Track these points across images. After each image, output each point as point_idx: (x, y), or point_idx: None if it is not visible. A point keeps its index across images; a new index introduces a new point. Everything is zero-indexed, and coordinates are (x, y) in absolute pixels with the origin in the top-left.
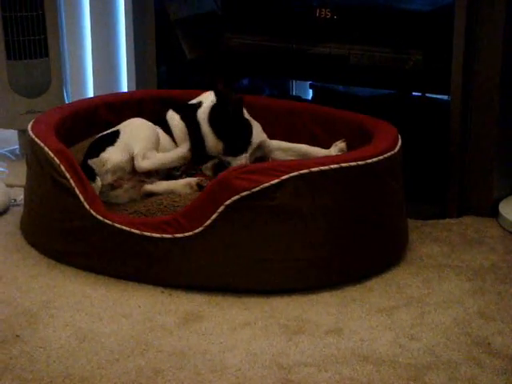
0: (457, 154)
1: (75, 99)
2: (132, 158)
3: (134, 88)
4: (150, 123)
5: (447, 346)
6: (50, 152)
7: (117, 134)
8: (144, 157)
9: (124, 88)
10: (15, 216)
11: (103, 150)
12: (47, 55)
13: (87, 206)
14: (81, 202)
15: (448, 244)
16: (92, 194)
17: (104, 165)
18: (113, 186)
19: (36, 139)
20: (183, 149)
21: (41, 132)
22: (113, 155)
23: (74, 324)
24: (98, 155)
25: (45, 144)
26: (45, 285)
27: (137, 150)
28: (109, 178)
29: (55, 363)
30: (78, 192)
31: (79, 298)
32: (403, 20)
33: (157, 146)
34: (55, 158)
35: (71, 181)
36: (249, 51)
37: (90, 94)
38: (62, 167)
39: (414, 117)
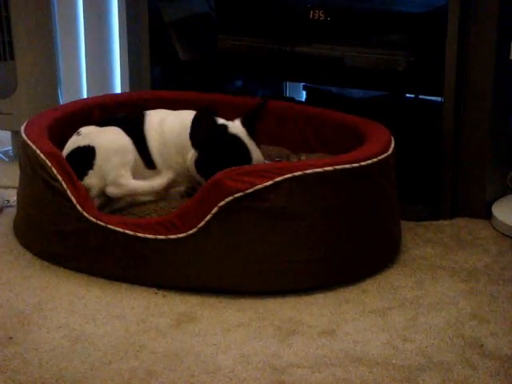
0: (450, 156)
1: (68, 100)
2: None
3: (127, 89)
4: (124, 137)
5: (440, 347)
6: (41, 154)
7: (93, 153)
8: (116, 185)
9: (117, 89)
10: (8, 217)
11: (85, 173)
12: (12, 58)
13: (80, 209)
14: (73, 204)
15: (441, 245)
16: (84, 195)
17: (89, 190)
18: (101, 206)
19: (28, 141)
20: (162, 181)
21: (33, 134)
22: (94, 181)
23: (67, 325)
24: (81, 178)
25: (36, 146)
26: (38, 286)
27: (110, 176)
28: (96, 203)
29: (48, 365)
30: (70, 194)
31: (72, 300)
32: (396, 21)
33: (132, 166)
34: (47, 161)
35: (63, 183)
36: (242, 52)
37: (84, 95)
38: (54, 170)
39: (407, 118)
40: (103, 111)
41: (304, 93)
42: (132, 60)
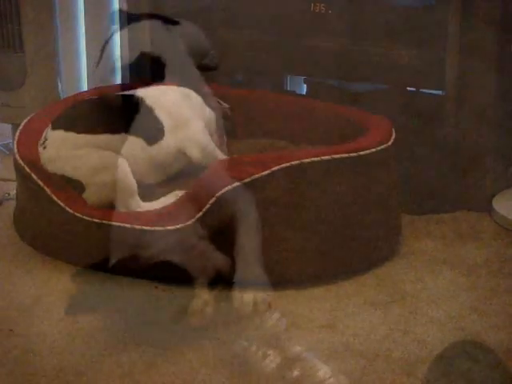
0: (451, 149)
1: (70, 94)
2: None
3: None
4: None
5: (441, 340)
6: (21, 161)
7: (80, 186)
8: (125, 206)
9: (118, 81)
10: (9, 210)
11: None
12: (22, 50)
13: (70, 210)
14: (62, 207)
15: (442, 239)
16: (72, 195)
17: None
18: None
19: (15, 143)
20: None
21: (23, 133)
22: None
23: (68, 318)
24: None
25: (17, 150)
26: (39, 279)
27: (118, 201)
28: None
29: (49, 357)
30: (55, 199)
31: (73, 293)
32: (398, 14)
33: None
34: (26, 168)
35: (45, 188)
36: (243, 45)
37: (85, 88)
38: (34, 176)
39: (408, 111)
40: None
41: (305, 86)
42: (133, 51)
